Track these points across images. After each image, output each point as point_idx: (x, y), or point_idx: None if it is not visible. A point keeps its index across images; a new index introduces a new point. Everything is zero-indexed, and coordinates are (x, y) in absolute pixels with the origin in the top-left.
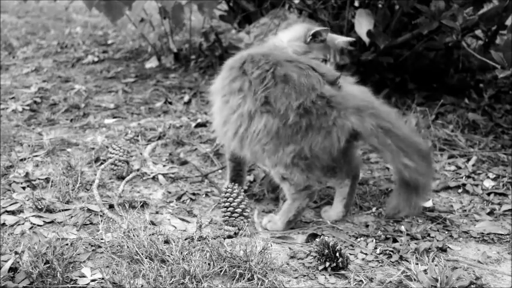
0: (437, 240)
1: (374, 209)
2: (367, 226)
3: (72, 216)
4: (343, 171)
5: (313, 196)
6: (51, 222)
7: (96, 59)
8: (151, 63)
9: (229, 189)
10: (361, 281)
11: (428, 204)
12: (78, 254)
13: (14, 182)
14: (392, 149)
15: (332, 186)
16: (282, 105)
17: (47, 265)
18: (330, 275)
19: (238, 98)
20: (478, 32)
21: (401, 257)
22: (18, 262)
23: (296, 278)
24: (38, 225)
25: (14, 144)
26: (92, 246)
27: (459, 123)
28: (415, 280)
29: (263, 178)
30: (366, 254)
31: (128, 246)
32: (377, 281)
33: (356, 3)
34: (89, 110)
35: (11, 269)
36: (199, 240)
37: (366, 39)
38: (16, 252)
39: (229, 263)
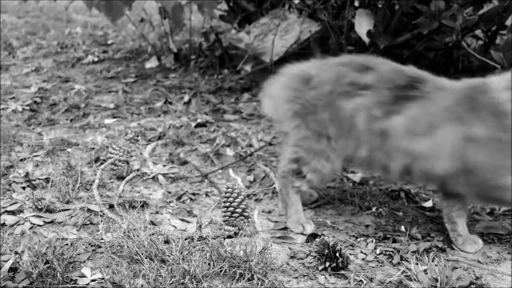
0: (438, 240)
1: (374, 209)
2: (367, 226)
3: (72, 216)
4: None
5: None
6: (51, 222)
7: (96, 59)
8: (151, 63)
9: (229, 189)
10: (361, 281)
11: (428, 204)
12: (78, 254)
13: (14, 182)
14: None
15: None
16: None
17: (47, 265)
18: (330, 275)
19: None
20: (478, 32)
21: (401, 257)
22: (18, 262)
23: (296, 278)
24: (38, 225)
25: (14, 144)
26: (92, 246)
27: None
28: (415, 280)
29: (263, 178)
30: (365, 254)
31: (128, 246)
32: (377, 281)
33: (356, 3)
34: (89, 110)
35: (11, 269)
36: (199, 240)
37: (366, 39)
38: (16, 252)
39: (229, 263)
